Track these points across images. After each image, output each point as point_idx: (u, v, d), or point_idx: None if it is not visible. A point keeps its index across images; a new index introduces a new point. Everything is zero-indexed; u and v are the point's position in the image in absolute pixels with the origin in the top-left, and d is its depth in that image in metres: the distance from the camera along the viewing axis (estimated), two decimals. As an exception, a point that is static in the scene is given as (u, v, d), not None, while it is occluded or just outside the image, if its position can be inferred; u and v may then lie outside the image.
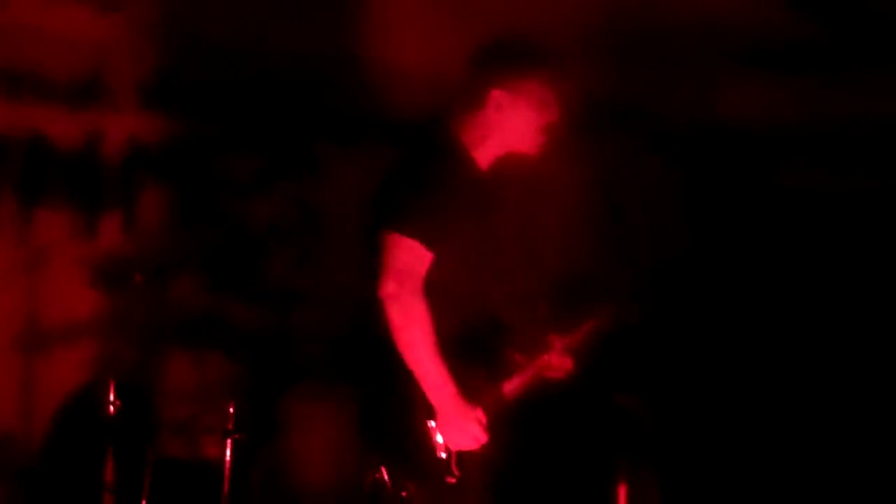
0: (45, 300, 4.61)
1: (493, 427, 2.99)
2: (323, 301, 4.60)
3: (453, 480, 2.95)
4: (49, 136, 4.73)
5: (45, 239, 4.67)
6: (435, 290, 2.91)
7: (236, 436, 3.92)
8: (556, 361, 3.20)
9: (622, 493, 3.02)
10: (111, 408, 4.05)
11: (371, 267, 2.95)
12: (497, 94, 3.06)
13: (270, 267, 4.83)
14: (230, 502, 3.92)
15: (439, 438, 2.94)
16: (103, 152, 4.82)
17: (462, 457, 2.96)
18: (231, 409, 3.93)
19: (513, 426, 3.05)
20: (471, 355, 3.02)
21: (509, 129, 3.07)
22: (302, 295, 4.67)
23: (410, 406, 2.95)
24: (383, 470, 2.97)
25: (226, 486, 3.91)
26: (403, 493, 2.94)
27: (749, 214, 5.29)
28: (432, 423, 2.95)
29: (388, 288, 2.88)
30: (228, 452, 3.91)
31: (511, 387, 3.12)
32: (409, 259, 2.90)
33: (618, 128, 5.02)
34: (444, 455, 2.95)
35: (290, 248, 4.92)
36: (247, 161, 5.01)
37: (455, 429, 2.93)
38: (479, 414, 2.96)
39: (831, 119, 5.28)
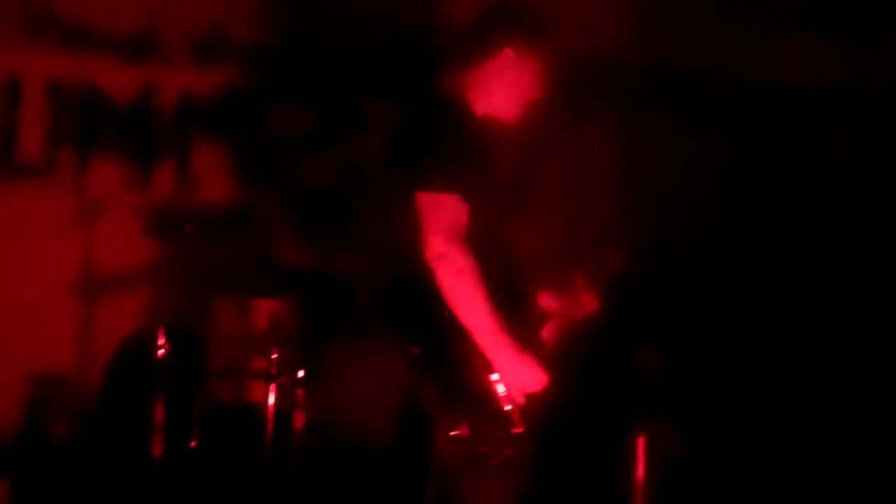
0: (101, 248, 4.76)
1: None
2: (370, 252, 4.68)
3: (520, 430, 2.98)
4: (104, 88, 4.86)
5: (101, 189, 4.81)
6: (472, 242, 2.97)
7: (279, 380, 4.02)
8: (584, 301, 3.25)
9: (641, 444, 3.07)
10: (161, 352, 4.18)
11: (408, 228, 2.99)
12: (506, 53, 3.13)
13: (319, 217, 4.92)
14: (274, 445, 4.03)
15: (501, 390, 2.99)
16: (157, 105, 4.94)
17: (524, 409, 3.01)
18: (274, 355, 4.04)
19: (554, 377, 3.09)
20: (507, 305, 3.06)
21: (504, 89, 3.15)
22: (349, 245, 4.75)
23: (471, 363, 2.98)
24: (462, 428, 2.98)
25: (269, 430, 4.01)
26: (484, 448, 2.95)
27: (800, 182, 5.23)
28: (494, 377, 2.99)
29: (436, 248, 2.92)
30: (272, 397, 4.02)
31: (548, 333, 3.16)
32: (450, 215, 2.95)
33: (657, 97, 5.01)
34: (509, 407, 2.98)
35: (339, 199, 5.00)
36: (296, 114, 5.09)
37: (518, 376, 2.97)
38: (533, 358, 3.01)
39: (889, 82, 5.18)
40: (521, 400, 3.00)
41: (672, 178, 4.91)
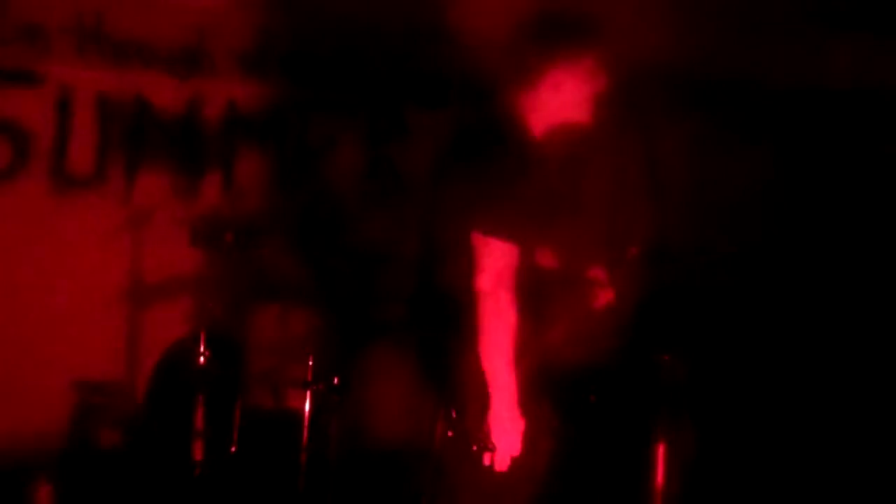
0: (148, 258, 4.86)
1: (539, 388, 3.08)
2: (406, 261, 4.72)
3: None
4: (152, 100, 4.96)
5: (149, 199, 4.91)
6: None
7: (315, 387, 4.07)
8: (599, 294, 3.25)
9: (661, 451, 3.07)
10: (202, 359, 4.25)
11: (459, 256, 3.06)
12: (549, 63, 3.14)
13: (358, 227, 4.97)
14: (310, 451, 4.08)
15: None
16: (204, 117, 5.04)
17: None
18: (310, 362, 4.09)
19: (558, 388, 3.13)
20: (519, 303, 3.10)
21: (558, 97, 3.14)
22: (386, 255, 4.79)
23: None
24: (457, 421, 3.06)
25: (305, 435, 4.07)
26: (475, 447, 3.03)
27: (850, 187, 5.16)
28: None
29: (485, 284, 3.05)
30: (308, 403, 4.07)
31: (556, 334, 3.17)
32: (501, 258, 3.06)
33: (704, 104, 4.97)
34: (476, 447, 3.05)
35: (379, 210, 5.04)
36: (339, 126, 5.15)
37: (502, 429, 3.05)
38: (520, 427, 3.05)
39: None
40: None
41: (717, 186, 4.87)
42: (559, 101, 3.16)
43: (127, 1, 4.87)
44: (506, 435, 3.06)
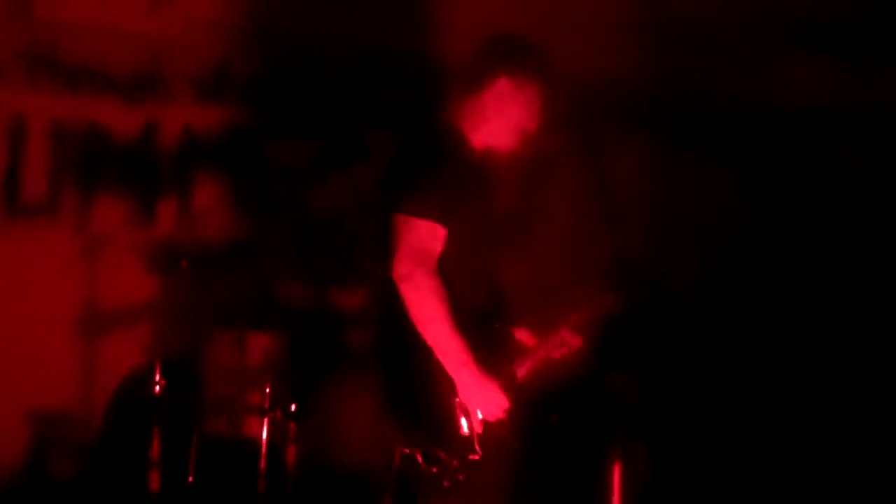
0: (103, 286, 4.81)
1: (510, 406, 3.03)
2: (364, 285, 4.69)
3: (477, 457, 3.00)
4: (107, 127, 4.92)
5: (104, 226, 4.86)
6: (443, 270, 2.98)
7: (272, 414, 4.03)
8: (566, 339, 3.23)
9: (617, 470, 3.04)
10: (157, 387, 4.20)
11: (384, 249, 3.02)
12: (503, 82, 3.12)
13: (317, 251, 4.94)
14: (268, 479, 4.03)
15: (463, 419, 3.00)
16: (159, 142, 5.00)
17: (483, 435, 3.01)
18: (268, 389, 4.05)
19: (521, 408, 3.08)
20: (481, 337, 3.06)
21: (500, 119, 3.14)
22: (346, 279, 4.76)
23: (434, 385, 3.01)
24: (413, 448, 3.02)
25: (263, 463, 4.02)
26: (434, 470, 2.99)
27: (803, 199, 5.20)
28: (457, 400, 3.00)
29: (402, 269, 2.95)
30: (265, 430, 4.02)
31: (523, 370, 3.15)
32: (420, 238, 2.97)
33: (659, 121, 5.00)
34: (466, 432, 3.00)
35: (339, 233, 5.02)
36: (299, 149, 5.13)
37: (478, 398, 2.98)
38: (497, 383, 3.01)
39: (887, 100, 5.17)
40: (478, 427, 2.99)
41: (675, 203, 4.89)
42: (504, 121, 3.14)
43: (81, 28, 4.83)
44: (483, 404, 2.98)
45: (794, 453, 4.23)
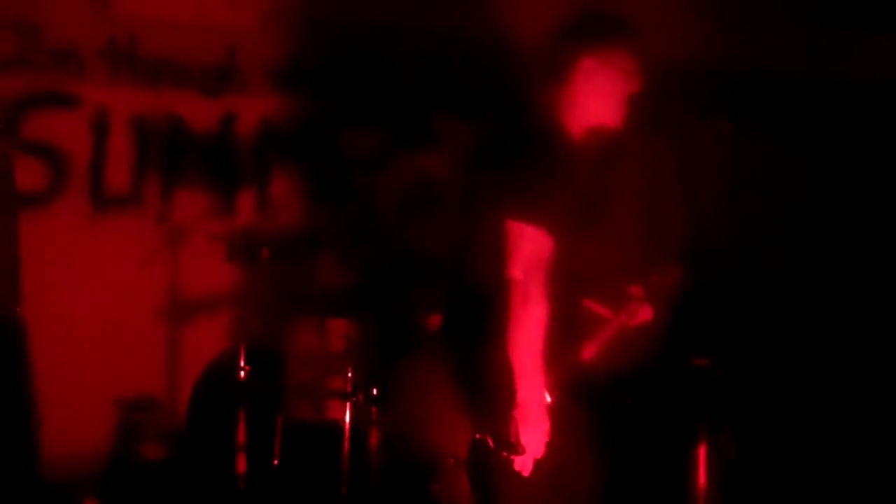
0: (186, 274, 4.92)
1: (573, 398, 3.07)
2: (442, 271, 4.75)
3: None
4: (187, 119, 5.02)
5: (185, 216, 4.97)
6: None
7: (354, 398, 4.11)
8: (637, 310, 3.24)
9: (702, 453, 3.07)
10: (241, 373, 4.30)
11: (491, 247, 3.05)
12: (587, 63, 3.12)
13: (395, 237, 5.01)
14: (351, 462, 4.11)
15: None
16: (237, 134, 5.09)
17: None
18: (349, 374, 4.12)
19: (594, 396, 3.12)
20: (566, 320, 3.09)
21: (596, 98, 3.14)
22: (423, 264, 4.82)
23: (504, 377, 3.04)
24: (485, 433, 3.06)
25: (346, 447, 4.10)
26: (504, 454, 3.03)
27: (880, 182, 5.14)
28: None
29: (516, 273, 3.00)
30: (348, 414, 4.11)
31: (590, 351, 3.18)
32: (534, 246, 3.02)
33: (732, 102, 4.96)
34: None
35: (413, 220, 5.08)
36: (370, 137, 5.19)
37: (529, 426, 3.01)
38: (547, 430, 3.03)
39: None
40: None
41: (746, 185, 4.87)
42: (593, 102, 3.14)
43: (158, 22, 4.93)
44: (531, 435, 3.02)
45: (885, 434, 4.21)
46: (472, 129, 5.06)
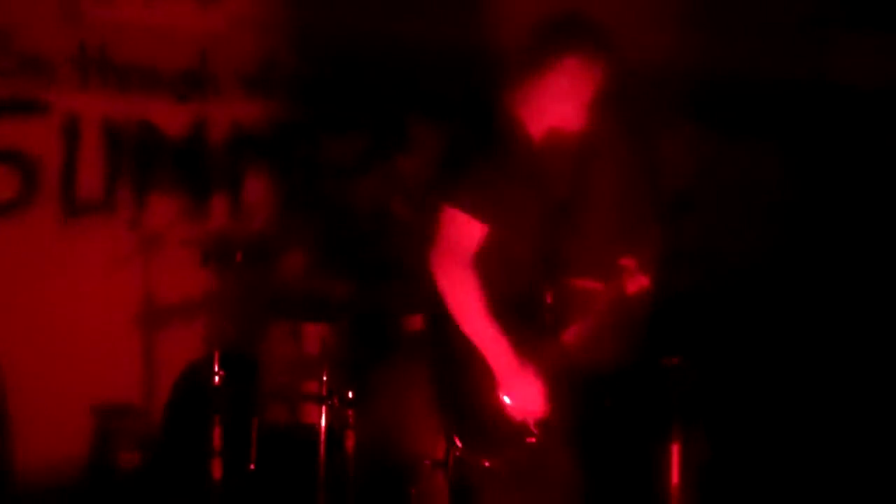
0: (159, 280, 4.91)
1: (556, 388, 3.07)
2: (417, 276, 4.75)
3: (533, 440, 3.03)
4: (158, 124, 5.01)
5: (158, 222, 4.96)
6: (493, 258, 3.02)
7: (330, 401, 4.11)
8: (632, 280, 3.20)
9: (675, 451, 3.08)
10: (216, 378, 4.30)
11: (427, 239, 3.07)
12: (571, 61, 3.13)
13: (368, 243, 5.01)
14: (327, 466, 4.11)
15: (507, 402, 3.04)
16: (209, 139, 5.08)
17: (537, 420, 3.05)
18: (325, 377, 4.13)
19: (573, 390, 3.12)
20: (525, 310, 3.09)
21: (569, 99, 3.15)
22: (397, 270, 4.83)
23: (480, 375, 3.05)
24: (458, 443, 3.06)
25: (322, 450, 4.10)
26: (486, 463, 3.03)
27: (857, 181, 5.16)
28: (504, 398, 3.05)
29: (437, 258, 3.02)
30: (324, 417, 4.11)
31: (571, 335, 3.18)
32: (458, 232, 3.02)
33: (703, 104, 4.98)
34: (518, 419, 3.03)
35: (388, 225, 5.08)
36: (344, 142, 5.19)
37: (516, 391, 3.03)
38: (535, 372, 3.04)
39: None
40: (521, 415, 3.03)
41: (720, 188, 4.89)
42: (564, 103, 3.16)
43: (129, 27, 4.91)
44: (522, 395, 3.02)
45: (854, 433, 4.24)
46: (445, 133, 5.05)
